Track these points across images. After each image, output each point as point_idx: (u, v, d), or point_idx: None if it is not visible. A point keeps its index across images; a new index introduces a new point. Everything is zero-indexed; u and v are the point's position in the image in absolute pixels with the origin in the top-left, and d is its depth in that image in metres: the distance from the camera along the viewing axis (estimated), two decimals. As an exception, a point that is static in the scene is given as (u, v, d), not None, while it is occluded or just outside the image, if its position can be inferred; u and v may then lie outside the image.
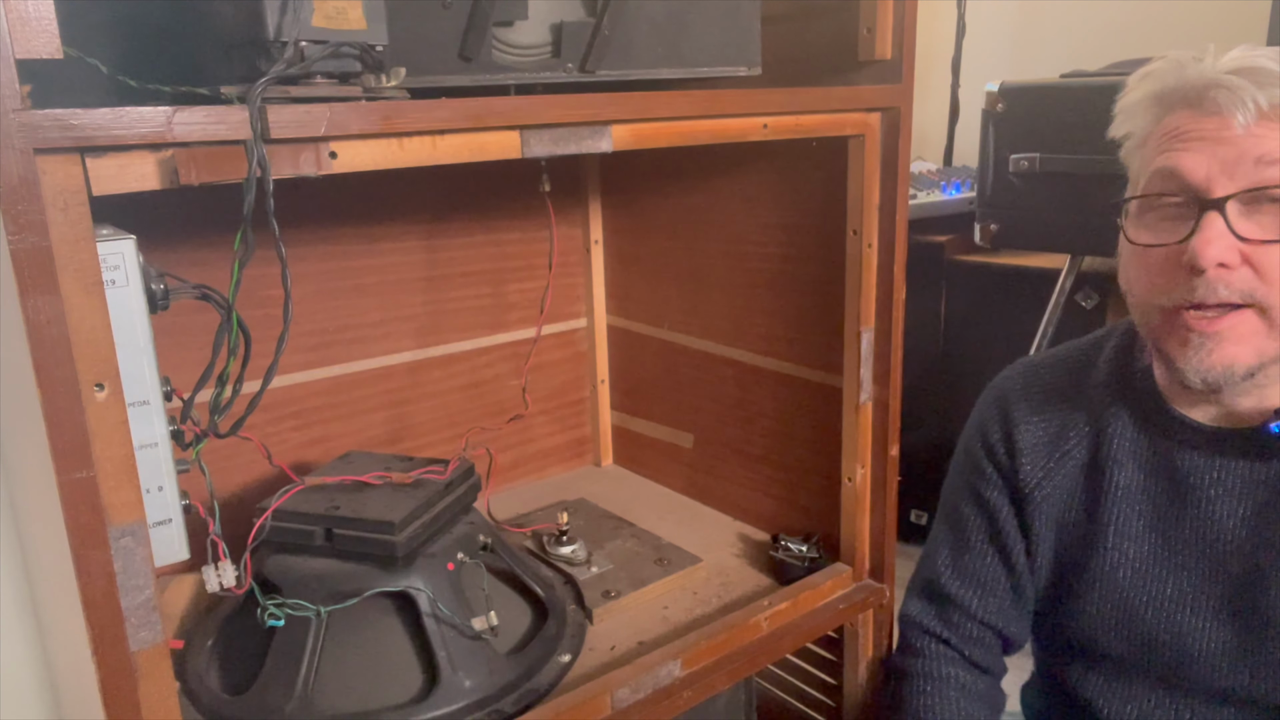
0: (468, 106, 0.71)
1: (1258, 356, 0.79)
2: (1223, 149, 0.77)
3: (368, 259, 1.20)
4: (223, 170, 0.61)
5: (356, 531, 0.88)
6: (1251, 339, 0.78)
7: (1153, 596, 0.89)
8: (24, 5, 0.52)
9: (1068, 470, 0.94)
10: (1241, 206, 0.77)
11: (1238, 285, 0.77)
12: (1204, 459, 0.87)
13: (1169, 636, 0.89)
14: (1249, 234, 0.76)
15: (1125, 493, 0.91)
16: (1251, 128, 0.76)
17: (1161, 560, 0.89)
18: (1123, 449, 0.91)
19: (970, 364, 2.00)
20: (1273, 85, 0.76)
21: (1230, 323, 0.78)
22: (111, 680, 0.61)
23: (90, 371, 0.58)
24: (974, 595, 0.99)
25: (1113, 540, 0.91)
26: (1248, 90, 0.76)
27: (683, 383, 1.34)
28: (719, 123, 0.86)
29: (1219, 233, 0.76)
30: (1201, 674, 0.88)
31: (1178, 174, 0.79)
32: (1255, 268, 0.77)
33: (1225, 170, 0.77)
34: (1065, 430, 0.95)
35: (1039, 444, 0.95)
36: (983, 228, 1.82)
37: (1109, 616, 0.92)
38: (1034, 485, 0.95)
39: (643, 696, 0.91)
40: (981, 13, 2.42)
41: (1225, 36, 1.90)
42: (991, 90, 1.77)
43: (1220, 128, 0.77)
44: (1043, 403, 0.96)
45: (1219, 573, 0.87)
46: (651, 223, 1.33)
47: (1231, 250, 0.76)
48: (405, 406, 1.27)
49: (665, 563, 1.12)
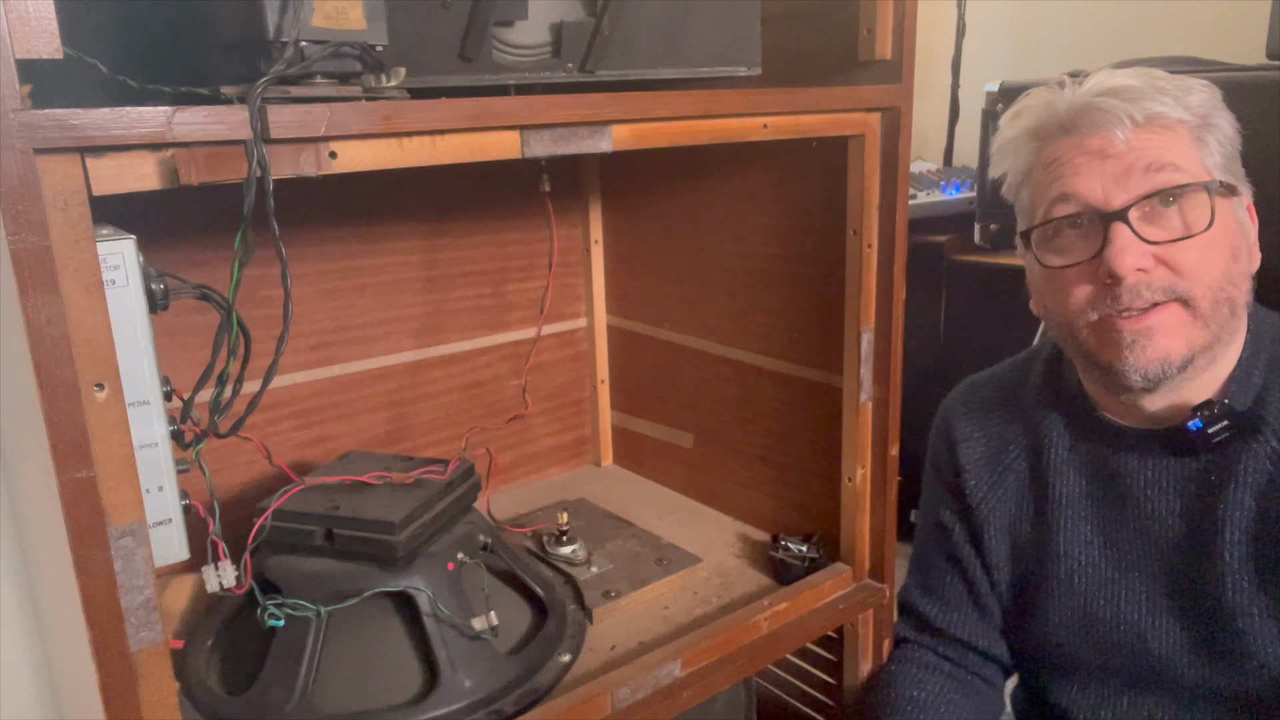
0: (468, 106, 0.71)
1: (1189, 346, 0.82)
2: (1110, 164, 0.82)
3: (368, 259, 1.20)
4: (223, 170, 0.61)
5: (356, 531, 0.88)
6: (1180, 330, 0.82)
7: (1109, 599, 0.91)
8: (24, 5, 0.52)
9: (1010, 484, 0.97)
10: (1142, 213, 0.81)
11: (1158, 284, 0.81)
12: (1136, 460, 0.89)
13: (1130, 638, 0.90)
14: (1155, 237, 0.81)
15: (1069, 499, 0.93)
16: (1131, 140, 0.81)
17: (1112, 563, 0.91)
18: (1061, 457, 0.93)
19: (970, 364, 1.99)
20: (1141, 99, 0.81)
21: (1158, 316, 0.82)
22: (111, 680, 0.61)
23: (90, 371, 0.58)
24: (941, 612, 1.02)
25: (1064, 548, 0.93)
26: (1120, 108, 0.81)
27: (683, 383, 1.34)
28: (719, 123, 0.86)
29: (1129, 241, 0.81)
30: (1165, 672, 0.89)
31: (1075, 195, 0.83)
32: (1170, 265, 0.81)
33: (1118, 182, 0.81)
34: (1005, 444, 0.98)
35: (980, 459, 0.98)
36: (983, 228, 1.82)
37: (1070, 624, 0.93)
38: (979, 499, 0.98)
39: (643, 696, 0.91)
40: (981, 13, 2.42)
41: (1225, 36, 1.90)
42: (991, 90, 1.77)
43: (1103, 145, 0.82)
44: (982, 418, 1.00)
45: (1164, 570, 0.88)
46: (651, 223, 1.33)
47: (1145, 255, 0.81)
48: (405, 406, 1.27)
49: (665, 563, 1.12)
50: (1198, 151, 0.82)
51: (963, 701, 0.99)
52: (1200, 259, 0.81)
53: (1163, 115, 0.82)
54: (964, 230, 1.96)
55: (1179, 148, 0.82)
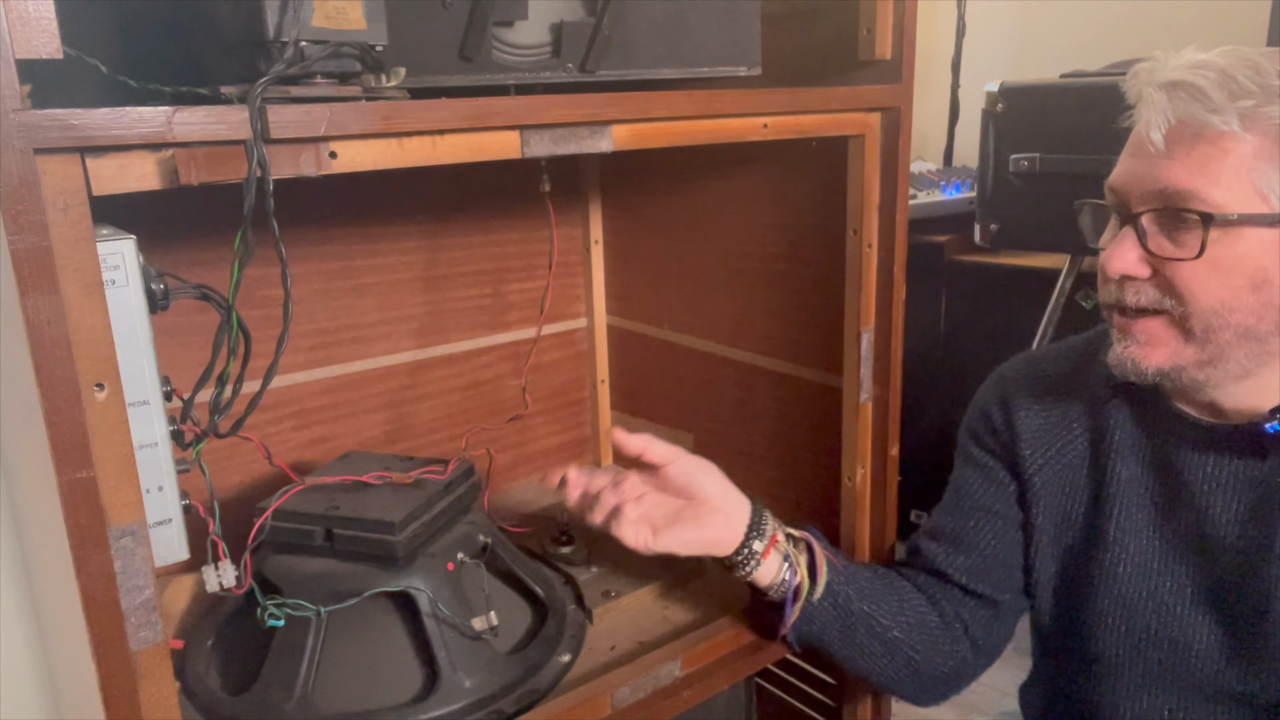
0: (468, 106, 0.71)
1: (1170, 360, 0.81)
2: (1141, 165, 0.80)
3: (368, 259, 1.20)
4: (223, 170, 0.61)
5: (356, 531, 0.88)
6: (1164, 343, 0.81)
7: (1152, 593, 0.90)
8: (24, 5, 0.52)
9: (1068, 461, 0.94)
10: (1157, 223, 0.80)
11: (1146, 294, 0.81)
12: (1199, 455, 0.87)
13: (1167, 633, 0.89)
14: (1158, 250, 0.79)
15: (1126, 486, 0.91)
16: (1161, 148, 0.78)
17: (1159, 556, 0.89)
18: (1123, 443, 0.91)
19: (970, 364, 2.00)
20: (1188, 100, 0.76)
21: (1142, 326, 0.82)
22: (111, 680, 0.61)
23: (90, 371, 0.58)
24: (942, 550, 0.99)
25: (1114, 535, 0.91)
26: (1166, 109, 0.77)
27: (683, 383, 1.34)
28: (719, 123, 0.86)
29: (1129, 245, 0.80)
30: (1198, 671, 0.88)
31: (1112, 185, 0.83)
32: (1167, 279, 0.79)
33: (1141, 187, 0.80)
34: (1067, 421, 0.95)
35: (1040, 430, 0.96)
36: (983, 228, 1.82)
37: (1109, 613, 0.92)
38: (1035, 469, 0.95)
39: (643, 696, 0.91)
40: (981, 13, 2.42)
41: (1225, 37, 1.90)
42: (991, 90, 1.77)
43: (1142, 141, 0.80)
44: (1043, 393, 0.97)
45: (1213, 569, 0.87)
46: (651, 223, 1.33)
47: (1140, 264, 0.80)
48: (405, 406, 1.27)
49: (665, 563, 1.12)
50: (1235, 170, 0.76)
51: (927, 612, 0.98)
52: (1199, 281, 0.78)
53: (1210, 128, 0.75)
54: (964, 230, 1.96)
55: (1209, 166, 0.76)
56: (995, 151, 1.77)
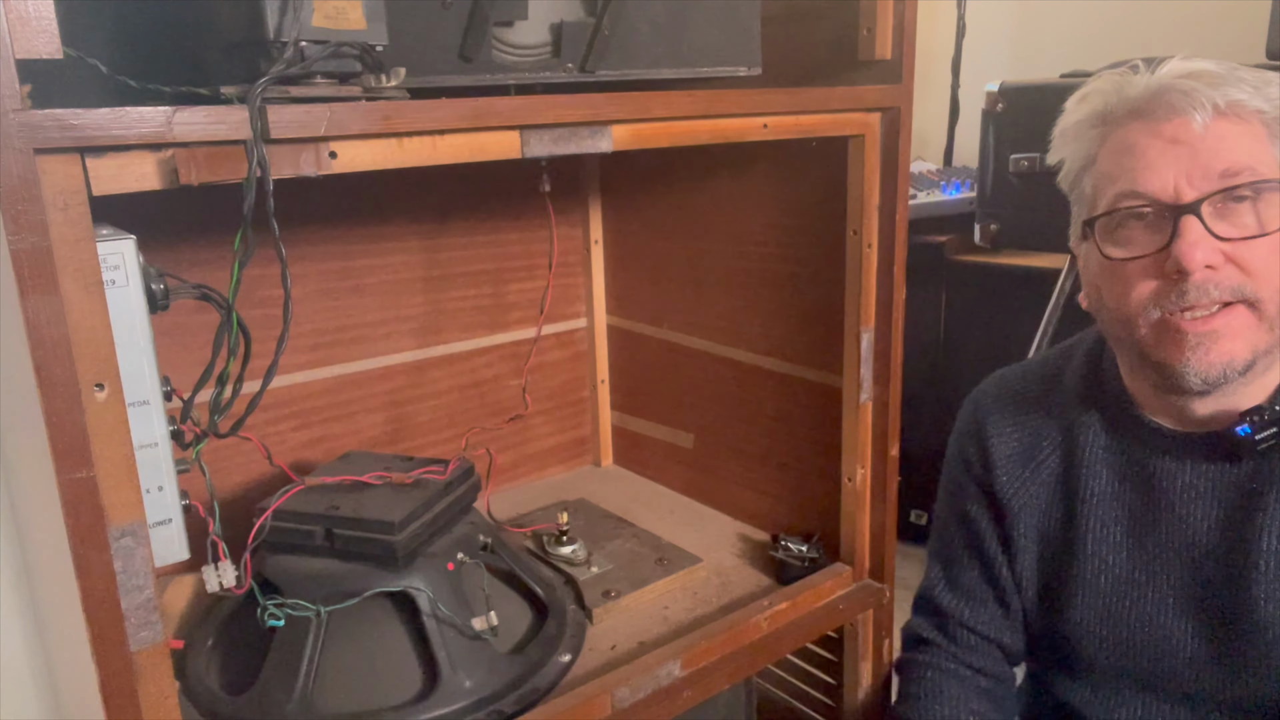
0: (468, 106, 0.71)
1: (1252, 350, 0.79)
2: (1183, 151, 0.78)
3: (368, 259, 1.20)
4: (223, 170, 0.61)
5: (356, 531, 0.88)
6: (1245, 333, 0.79)
7: (1134, 602, 0.90)
8: (24, 5, 0.52)
9: (1043, 479, 0.95)
10: (1214, 208, 0.78)
11: (1226, 283, 0.78)
12: (1175, 463, 0.87)
13: (1151, 642, 0.89)
14: (1226, 234, 0.78)
15: (1101, 499, 0.91)
16: (1210, 127, 0.78)
17: (1140, 566, 0.90)
18: (1095, 456, 0.92)
19: (970, 364, 2.00)
20: (1224, 85, 0.78)
21: (1224, 319, 0.79)
22: (111, 680, 0.62)
23: (90, 371, 0.58)
24: (966, 607, 1.00)
25: (1091, 548, 0.91)
26: (1202, 91, 0.78)
27: (683, 383, 1.34)
28: (719, 123, 0.86)
29: (1200, 235, 0.77)
30: (1184, 678, 0.88)
31: (1145, 184, 0.80)
32: (1239, 264, 0.78)
33: (1191, 173, 0.78)
34: (1039, 440, 0.95)
35: (1013, 454, 0.96)
36: (983, 228, 1.82)
37: (1092, 624, 0.92)
38: (1010, 495, 0.96)
39: (643, 696, 0.91)
40: (981, 13, 2.42)
41: (1225, 36, 1.90)
42: (991, 90, 1.77)
43: (1178, 131, 0.79)
44: (1015, 413, 0.97)
45: (1196, 576, 0.87)
46: (651, 223, 1.33)
47: (1214, 251, 0.78)
48: (405, 406, 1.27)
49: (665, 563, 1.12)
50: (1272, 146, 0.79)
51: (992, 715, 0.98)
52: (1271, 259, 0.77)
53: (1243, 104, 0.78)
54: (964, 230, 1.96)
55: (1254, 141, 0.78)
56: (995, 151, 1.76)
